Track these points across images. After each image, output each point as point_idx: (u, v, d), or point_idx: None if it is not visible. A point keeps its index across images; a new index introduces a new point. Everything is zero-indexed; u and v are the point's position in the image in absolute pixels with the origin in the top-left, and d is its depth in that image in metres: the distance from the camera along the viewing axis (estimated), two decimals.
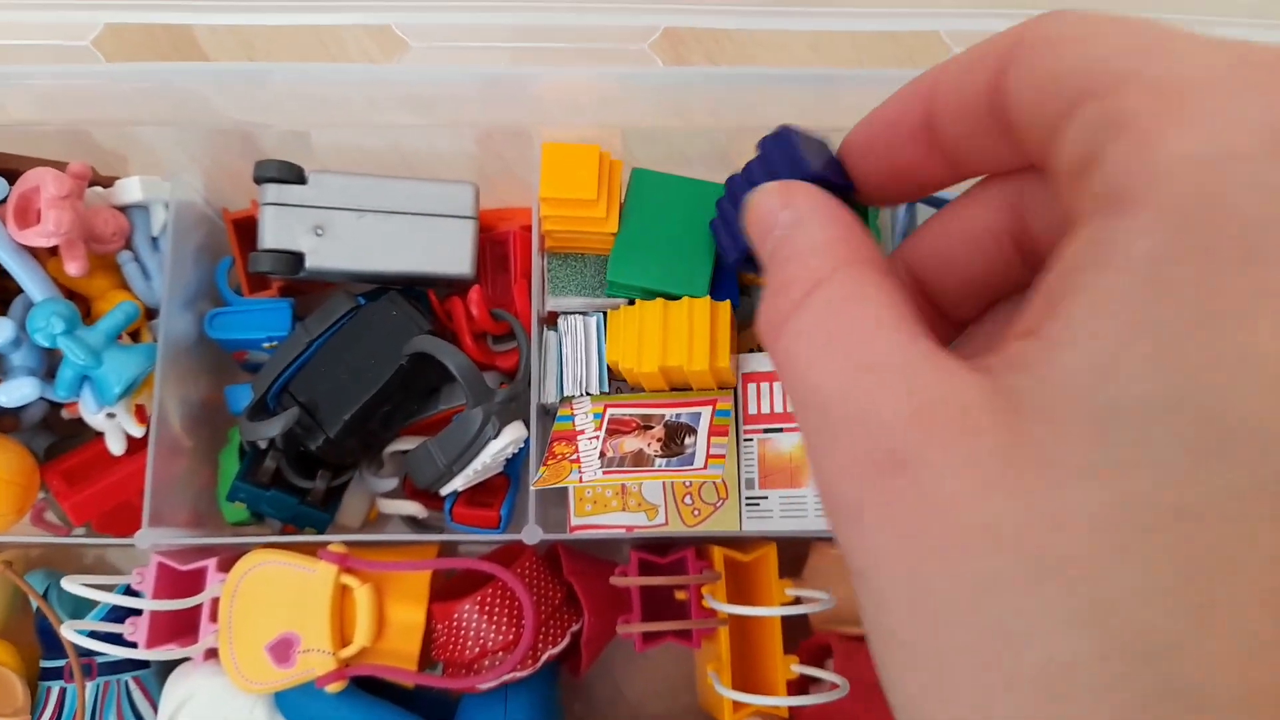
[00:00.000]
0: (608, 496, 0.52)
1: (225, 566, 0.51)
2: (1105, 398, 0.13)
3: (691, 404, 0.50)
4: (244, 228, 0.57)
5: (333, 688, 0.49)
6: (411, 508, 0.57)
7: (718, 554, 0.52)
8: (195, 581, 0.52)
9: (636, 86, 0.51)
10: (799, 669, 0.50)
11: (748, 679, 0.51)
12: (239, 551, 0.52)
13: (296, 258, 0.51)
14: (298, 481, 0.54)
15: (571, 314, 0.53)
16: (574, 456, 0.49)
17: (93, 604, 0.53)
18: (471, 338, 0.55)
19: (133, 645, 0.50)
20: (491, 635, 0.50)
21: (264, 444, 0.52)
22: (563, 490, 0.53)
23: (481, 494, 0.56)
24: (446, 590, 0.55)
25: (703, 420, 0.49)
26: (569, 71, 0.50)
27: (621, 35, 0.50)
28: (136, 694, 0.54)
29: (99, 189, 0.54)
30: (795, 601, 0.50)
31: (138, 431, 0.53)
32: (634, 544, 0.55)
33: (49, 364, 0.53)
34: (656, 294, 0.49)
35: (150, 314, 0.56)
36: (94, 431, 0.54)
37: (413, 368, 0.52)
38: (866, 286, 0.17)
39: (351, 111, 0.55)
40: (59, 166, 0.51)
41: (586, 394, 0.52)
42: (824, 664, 0.52)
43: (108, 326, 0.51)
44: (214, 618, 0.51)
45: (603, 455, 0.49)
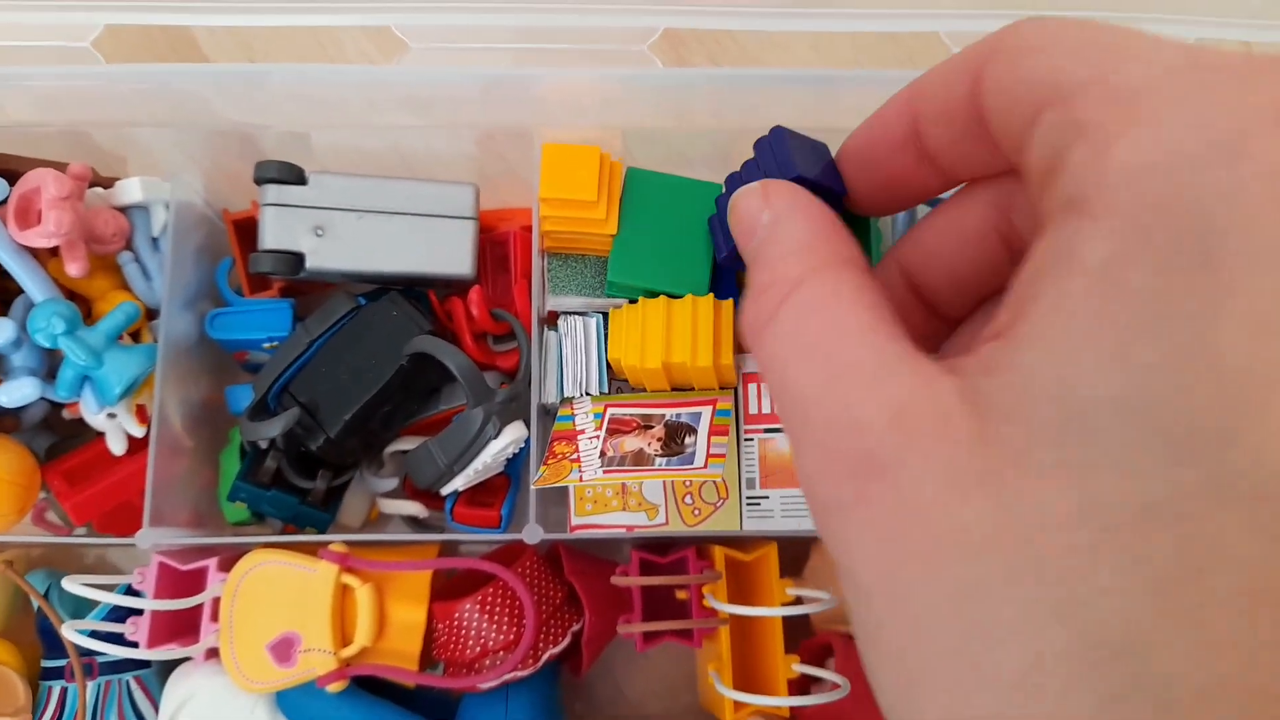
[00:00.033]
0: (608, 496, 0.52)
1: (226, 566, 0.51)
2: (1068, 400, 0.13)
3: (692, 404, 0.50)
4: (244, 228, 0.57)
5: (334, 687, 0.49)
6: (412, 507, 0.57)
7: (718, 553, 0.52)
8: (196, 581, 0.52)
9: (637, 87, 0.51)
10: (800, 668, 0.50)
11: (749, 679, 0.51)
12: (240, 551, 0.52)
13: (297, 258, 0.51)
14: (298, 481, 0.54)
15: (571, 314, 0.53)
16: (574, 456, 0.49)
17: (94, 604, 0.53)
18: (472, 338, 0.55)
19: (134, 645, 0.50)
20: (492, 635, 0.50)
21: (265, 444, 0.52)
22: (563, 490, 0.53)
23: (482, 494, 0.56)
24: (447, 590, 0.55)
25: (703, 420, 0.49)
26: (569, 73, 0.50)
27: (622, 36, 0.50)
28: (138, 693, 0.54)
29: (99, 190, 0.54)
30: (796, 601, 0.50)
31: (138, 432, 0.53)
32: (635, 543, 0.55)
33: (50, 364, 0.53)
34: (657, 294, 0.50)
35: (151, 314, 0.56)
36: (95, 432, 0.54)
37: (413, 368, 0.52)
38: (844, 288, 0.18)
39: (351, 113, 0.55)
40: (59, 167, 0.51)
41: (587, 394, 0.52)
42: (825, 663, 0.52)
43: (108, 327, 0.51)
44: (215, 617, 0.51)
45: (603, 455, 0.49)
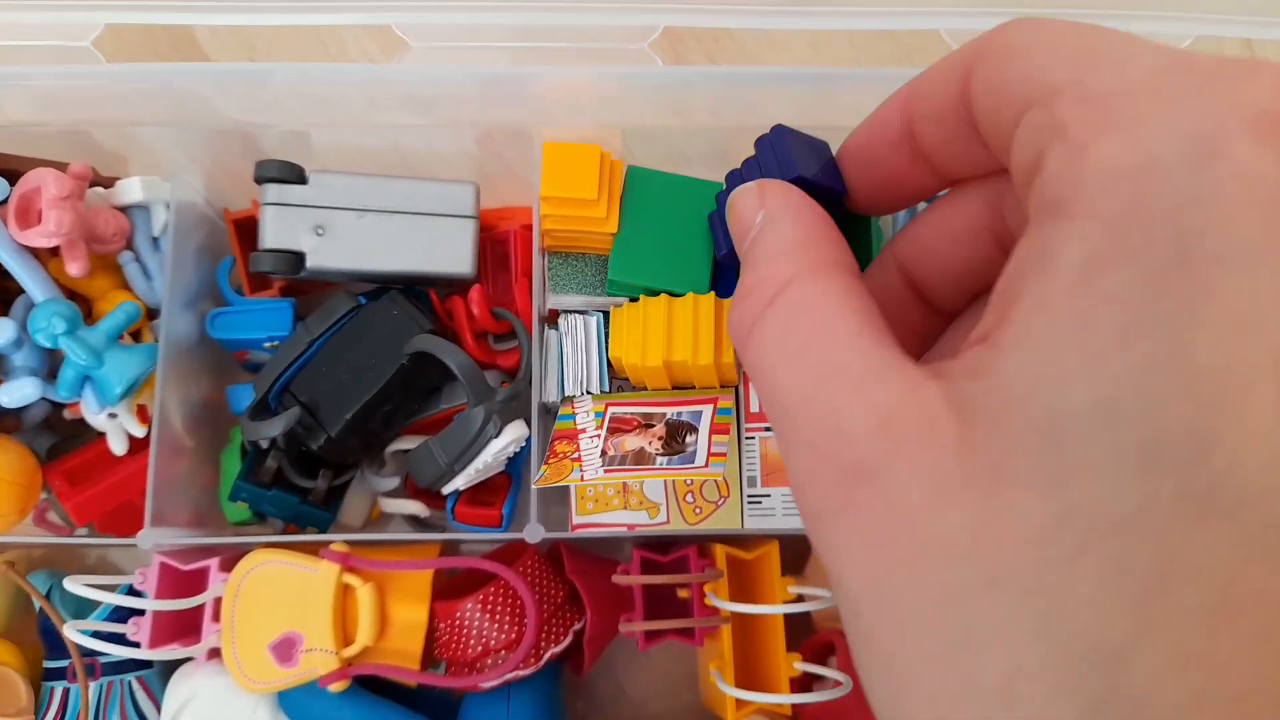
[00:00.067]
0: (609, 495, 0.52)
1: (227, 566, 0.51)
2: (1046, 408, 0.13)
3: (692, 402, 0.50)
4: (245, 228, 0.57)
5: (335, 687, 0.49)
6: (413, 507, 0.57)
7: (720, 552, 0.52)
8: (197, 581, 0.52)
9: (636, 86, 0.51)
10: (802, 666, 0.50)
11: (750, 677, 0.51)
12: (241, 551, 0.52)
13: (297, 257, 0.51)
14: (299, 481, 0.54)
15: (572, 313, 0.53)
16: (575, 455, 0.49)
17: (95, 604, 0.53)
18: (472, 337, 0.55)
19: (135, 645, 0.50)
20: (494, 634, 0.50)
21: (265, 443, 0.52)
22: (564, 489, 0.53)
23: (483, 493, 0.56)
24: (449, 589, 0.55)
25: (704, 418, 0.49)
26: (569, 71, 0.50)
27: (621, 35, 0.50)
28: (140, 694, 0.54)
29: (100, 189, 0.54)
30: (798, 599, 0.50)
31: (139, 431, 0.53)
32: (636, 542, 0.55)
33: (50, 364, 0.53)
34: (658, 292, 0.50)
35: (151, 314, 0.56)
36: (96, 432, 0.54)
37: (414, 367, 0.52)
38: (832, 290, 0.18)
39: (352, 111, 0.55)
40: (60, 167, 0.51)
41: (587, 393, 0.52)
42: (827, 661, 0.52)
43: (109, 327, 0.51)
44: (216, 617, 0.51)
45: (604, 454, 0.49)
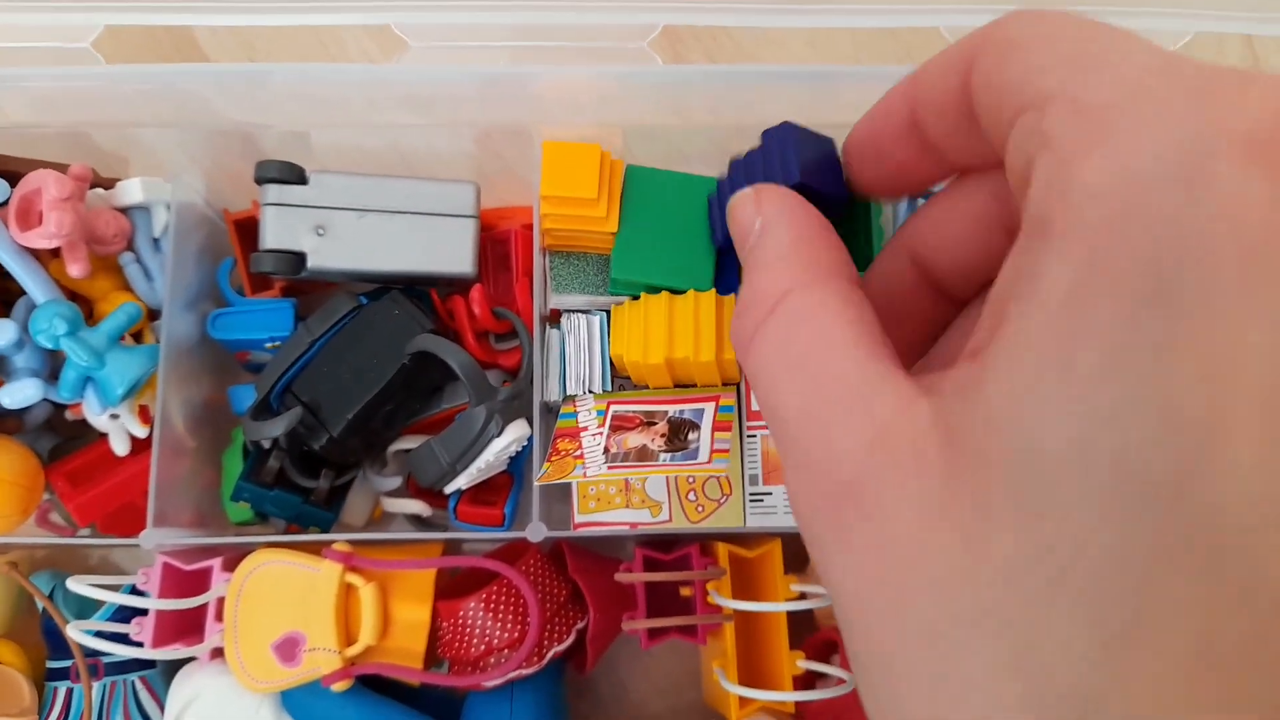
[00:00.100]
0: (611, 493, 0.52)
1: (230, 566, 0.51)
2: (1024, 442, 0.13)
3: (695, 400, 0.50)
4: (245, 228, 0.57)
5: (338, 686, 0.49)
6: (415, 506, 0.57)
7: (722, 550, 0.52)
8: (200, 581, 0.52)
9: (636, 85, 0.51)
10: (805, 664, 0.50)
11: (753, 675, 0.51)
12: (243, 551, 0.52)
13: (298, 258, 0.51)
14: (301, 481, 0.54)
15: (574, 312, 0.53)
16: (578, 453, 0.49)
17: (98, 605, 0.53)
18: (474, 336, 0.55)
19: (139, 645, 0.50)
20: (497, 633, 0.50)
21: (267, 444, 0.52)
22: (566, 487, 0.53)
23: (485, 492, 0.56)
24: (451, 588, 0.55)
25: (706, 416, 0.49)
26: (568, 70, 0.50)
27: (621, 34, 0.50)
28: (143, 694, 0.54)
29: (100, 191, 0.54)
30: (800, 597, 0.50)
31: (141, 432, 0.53)
32: (638, 541, 0.55)
33: (52, 365, 0.53)
34: (662, 290, 0.50)
35: (152, 315, 0.56)
36: (98, 433, 0.54)
37: (415, 367, 0.52)
38: (829, 301, 0.18)
39: (351, 111, 0.55)
40: (60, 169, 0.51)
41: (590, 392, 0.52)
42: (830, 659, 0.52)
43: (110, 328, 0.51)
44: (219, 617, 0.51)
45: (607, 451, 0.49)
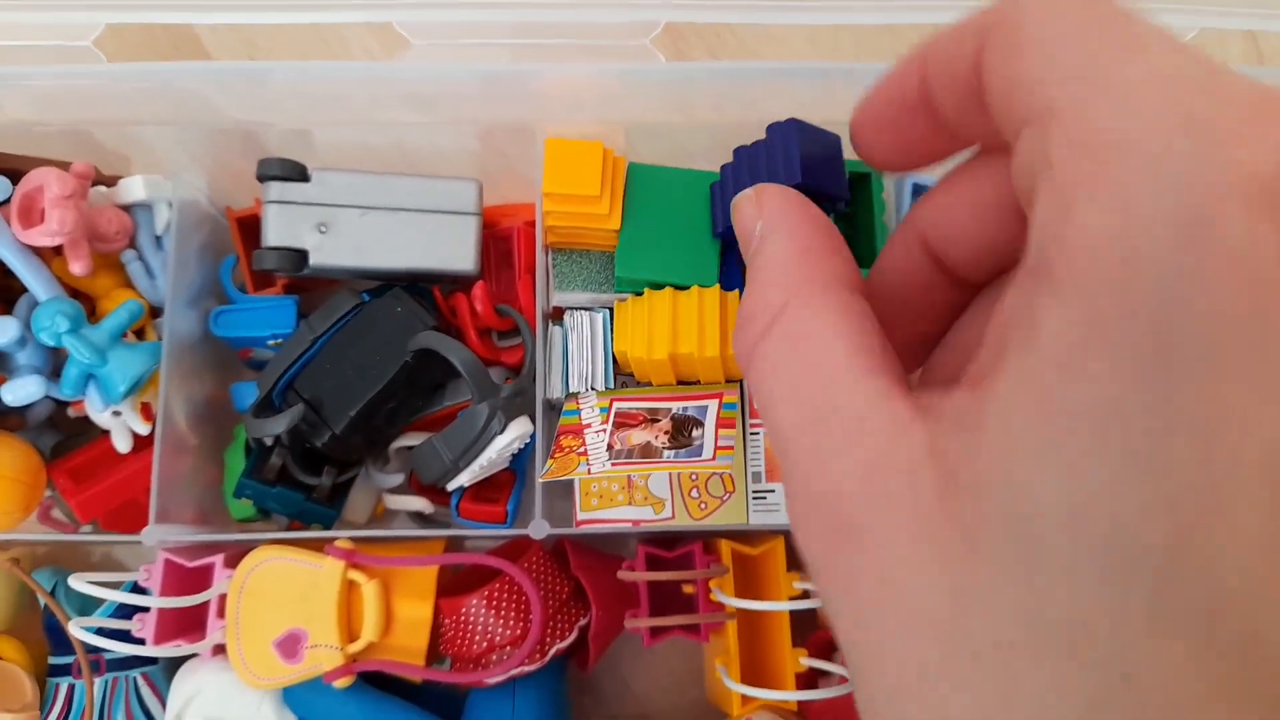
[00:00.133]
0: (614, 491, 0.52)
1: (232, 563, 0.51)
2: (1017, 499, 0.13)
3: (698, 397, 0.50)
4: (247, 226, 0.57)
5: (340, 683, 0.49)
6: (418, 503, 0.57)
7: (725, 548, 0.52)
8: (202, 578, 0.52)
9: (638, 82, 0.51)
10: (808, 662, 0.50)
11: (756, 673, 0.51)
12: (245, 548, 0.52)
13: (300, 255, 0.51)
14: (304, 478, 0.54)
15: (577, 309, 0.53)
16: (581, 450, 0.49)
17: (100, 601, 0.53)
18: (476, 333, 0.55)
19: (140, 642, 0.50)
20: (499, 630, 0.50)
21: (270, 441, 0.52)
22: (568, 485, 0.53)
23: (488, 489, 0.56)
24: (453, 585, 0.55)
25: (709, 413, 0.49)
26: (570, 68, 0.50)
27: (623, 31, 0.50)
28: (145, 690, 0.54)
29: (102, 188, 0.54)
30: (803, 595, 0.50)
31: (143, 429, 0.53)
32: (641, 538, 0.55)
33: (54, 363, 0.53)
34: (666, 286, 0.49)
35: (155, 312, 0.56)
36: (100, 430, 0.54)
37: (418, 364, 0.52)
38: (825, 313, 0.17)
39: (353, 109, 0.55)
40: (62, 166, 0.51)
41: (592, 389, 0.52)
42: (833, 657, 0.52)
43: (112, 325, 0.51)
44: (221, 614, 0.51)
45: (610, 448, 0.49)
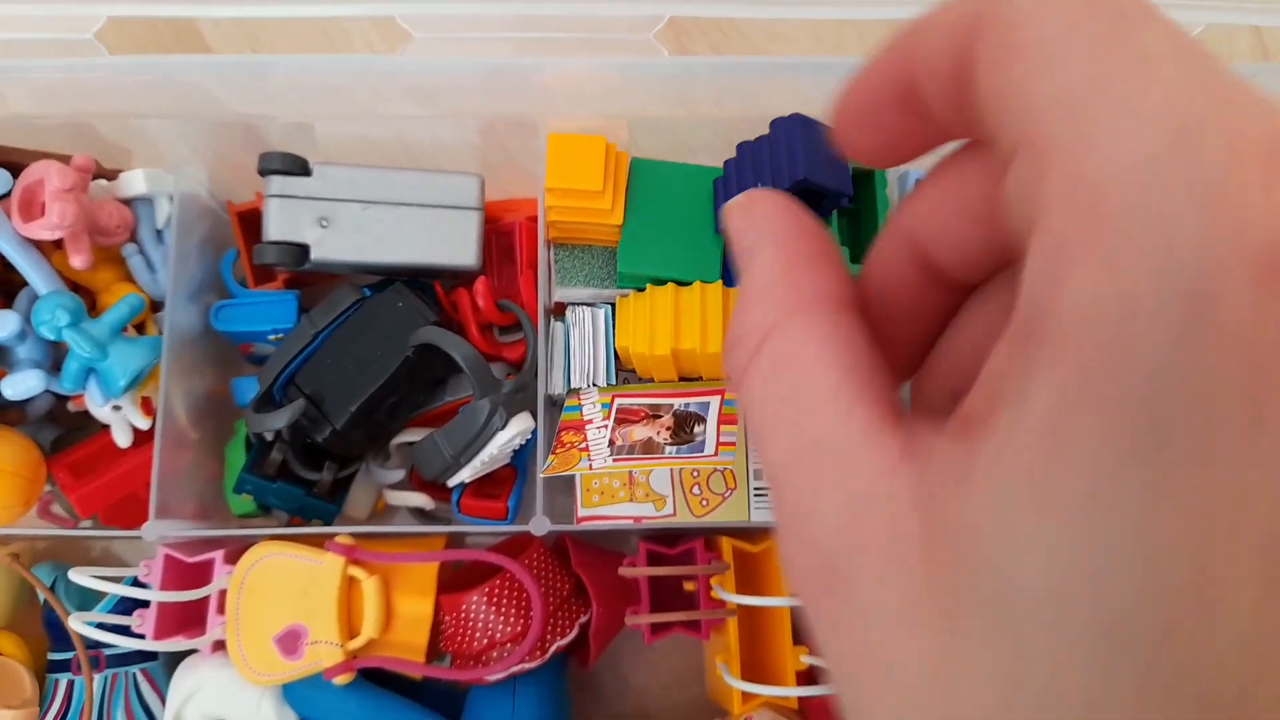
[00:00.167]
0: (615, 487, 0.52)
1: (232, 558, 0.51)
2: (1002, 574, 0.13)
3: (700, 393, 0.50)
4: (248, 220, 0.57)
5: (340, 679, 0.49)
6: (419, 499, 0.57)
7: (726, 544, 0.51)
8: (202, 573, 0.52)
9: (641, 76, 0.51)
10: (809, 659, 0.50)
11: (757, 669, 0.51)
12: (246, 543, 0.51)
13: (301, 249, 0.51)
14: (304, 473, 0.54)
15: (579, 305, 0.52)
16: (583, 445, 0.49)
17: (100, 596, 0.53)
18: (478, 329, 0.55)
19: (140, 637, 0.50)
20: (499, 627, 0.50)
21: (270, 436, 0.52)
22: (570, 481, 0.52)
23: (489, 485, 0.56)
24: (454, 582, 0.54)
25: (711, 409, 0.49)
26: (573, 61, 0.50)
27: (626, 25, 0.50)
28: (144, 686, 0.54)
29: (103, 182, 0.54)
30: None
31: (144, 424, 0.53)
32: (642, 535, 0.55)
33: (55, 357, 0.53)
34: (669, 282, 0.49)
35: (155, 306, 0.56)
36: (100, 424, 0.54)
37: (419, 359, 0.52)
38: (811, 338, 0.17)
39: (355, 103, 0.54)
40: (63, 160, 0.51)
41: (594, 385, 0.52)
42: None
43: (113, 319, 0.51)
44: (221, 610, 0.51)
45: (612, 444, 0.48)
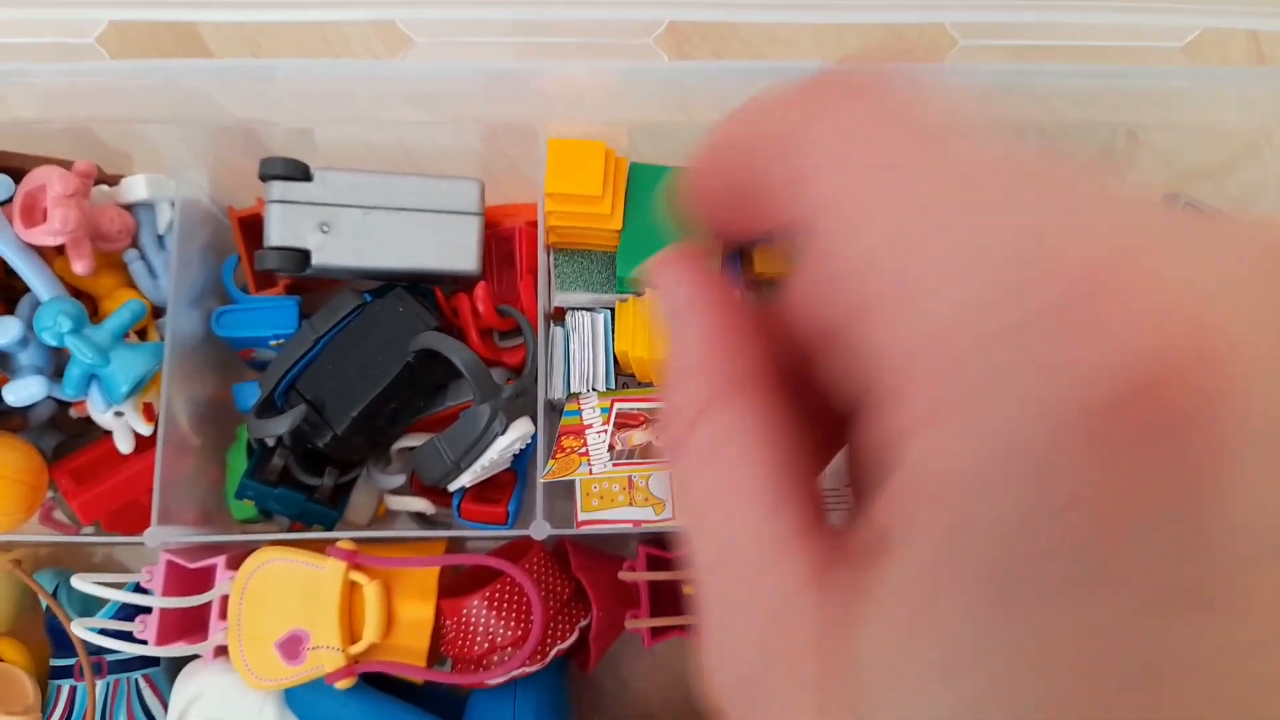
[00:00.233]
0: (615, 491, 0.52)
1: (234, 564, 0.51)
2: (888, 707, 0.13)
3: None
4: (250, 225, 0.57)
5: (342, 684, 0.49)
6: (419, 504, 0.57)
7: None
8: (204, 579, 0.52)
9: (641, 81, 0.51)
10: None
11: None
12: (247, 549, 0.52)
13: (303, 255, 0.51)
14: (306, 479, 0.54)
15: (579, 310, 0.53)
16: (583, 450, 0.49)
17: (101, 603, 0.53)
18: (478, 334, 0.55)
19: (142, 643, 0.50)
20: (500, 631, 0.50)
21: (272, 441, 0.52)
22: (569, 485, 0.53)
23: (489, 490, 0.56)
24: (455, 586, 0.55)
25: None
26: (573, 66, 0.50)
27: (626, 30, 0.50)
28: (146, 692, 0.54)
29: (104, 187, 0.54)
30: None
31: (146, 430, 0.53)
32: (642, 539, 0.55)
33: (56, 363, 0.53)
34: None
35: (157, 312, 0.56)
36: (102, 430, 0.54)
37: (419, 364, 0.52)
38: (738, 430, 0.16)
39: (356, 108, 0.54)
40: (64, 165, 0.51)
41: (594, 390, 0.52)
42: None
43: (115, 325, 0.51)
44: (223, 615, 0.51)
45: (611, 448, 0.48)
